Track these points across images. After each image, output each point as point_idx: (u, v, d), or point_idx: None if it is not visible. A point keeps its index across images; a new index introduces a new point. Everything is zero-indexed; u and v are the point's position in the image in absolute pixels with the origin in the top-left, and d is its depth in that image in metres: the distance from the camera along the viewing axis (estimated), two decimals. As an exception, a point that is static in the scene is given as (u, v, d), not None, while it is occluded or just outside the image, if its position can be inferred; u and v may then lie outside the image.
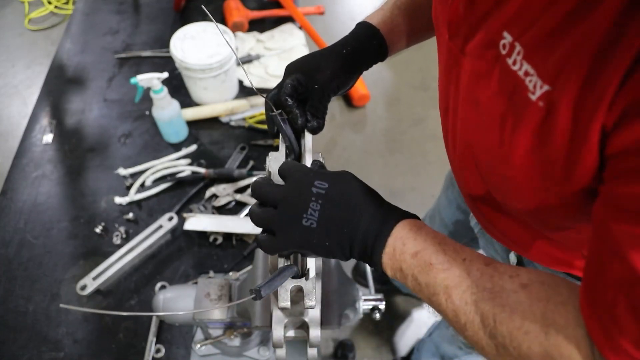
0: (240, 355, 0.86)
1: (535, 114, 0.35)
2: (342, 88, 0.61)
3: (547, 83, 0.34)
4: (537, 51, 0.35)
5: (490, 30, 0.40)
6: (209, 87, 1.22)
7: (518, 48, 0.36)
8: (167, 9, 1.56)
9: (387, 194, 2.14)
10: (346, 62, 0.60)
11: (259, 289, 0.43)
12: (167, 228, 1.01)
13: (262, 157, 1.20)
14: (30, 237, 1.04)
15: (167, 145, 1.21)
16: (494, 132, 0.41)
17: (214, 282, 0.76)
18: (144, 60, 1.41)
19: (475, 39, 0.43)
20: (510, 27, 0.37)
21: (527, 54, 0.36)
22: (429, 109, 2.25)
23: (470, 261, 0.41)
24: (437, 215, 1.13)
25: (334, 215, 0.44)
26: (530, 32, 0.35)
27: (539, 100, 0.35)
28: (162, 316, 0.78)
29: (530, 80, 0.35)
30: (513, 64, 0.37)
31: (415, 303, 1.68)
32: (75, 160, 1.18)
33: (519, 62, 0.36)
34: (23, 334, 0.92)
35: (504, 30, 0.38)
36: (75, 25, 1.52)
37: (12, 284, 0.97)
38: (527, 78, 0.35)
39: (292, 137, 0.57)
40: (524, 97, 0.36)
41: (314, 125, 0.59)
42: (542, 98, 0.34)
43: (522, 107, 0.37)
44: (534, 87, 0.35)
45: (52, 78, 1.36)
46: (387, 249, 0.44)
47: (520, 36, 0.36)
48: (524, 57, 0.36)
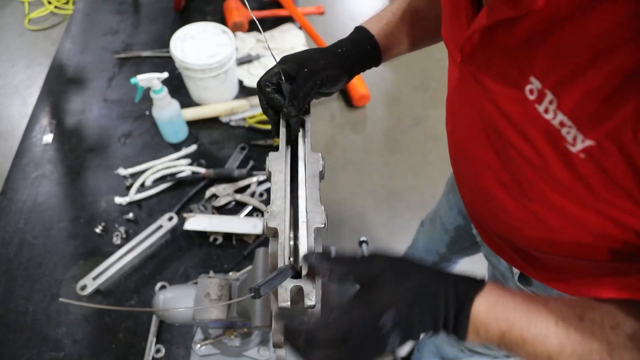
0: (240, 355, 0.86)
1: (576, 165, 0.33)
2: (331, 82, 0.60)
3: (590, 138, 0.31)
4: (578, 107, 0.31)
5: (512, 71, 0.36)
6: (209, 87, 1.22)
7: (550, 97, 0.33)
8: (167, 9, 1.56)
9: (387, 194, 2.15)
10: (339, 60, 0.61)
11: (258, 287, 0.43)
12: (167, 228, 1.01)
13: (262, 157, 1.20)
14: (30, 237, 1.04)
15: (167, 145, 1.21)
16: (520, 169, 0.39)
17: (214, 282, 0.76)
18: (144, 60, 1.41)
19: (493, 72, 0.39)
20: (538, 74, 0.34)
21: (563, 105, 0.32)
22: (429, 109, 2.25)
23: (563, 321, 0.38)
24: (437, 219, 1.12)
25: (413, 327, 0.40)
26: (569, 88, 0.31)
27: (580, 152, 0.32)
28: (162, 315, 0.77)
29: (568, 132, 0.32)
30: (545, 112, 0.33)
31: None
32: (75, 160, 1.18)
33: (552, 112, 0.33)
34: (23, 334, 0.92)
35: (531, 75, 0.34)
36: (75, 25, 1.52)
37: (12, 284, 0.97)
38: (564, 129, 0.32)
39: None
40: (562, 147, 0.33)
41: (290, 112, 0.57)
42: (584, 151, 0.32)
43: (559, 156, 0.34)
44: (574, 139, 0.32)
45: (52, 78, 1.36)
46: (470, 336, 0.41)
47: (554, 87, 0.32)
48: (559, 108, 0.32)
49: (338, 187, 1.97)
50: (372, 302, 0.40)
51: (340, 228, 1.84)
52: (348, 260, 0.44)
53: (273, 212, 0.51)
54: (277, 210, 0.51)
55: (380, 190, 1.97)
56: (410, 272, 0.41)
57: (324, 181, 0.56)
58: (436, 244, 1.18)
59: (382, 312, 0.39)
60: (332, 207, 1.89)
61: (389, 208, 1.92)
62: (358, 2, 2.82)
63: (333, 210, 1.89)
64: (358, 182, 2.00)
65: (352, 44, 0.63)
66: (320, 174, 0.56)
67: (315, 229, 0.50)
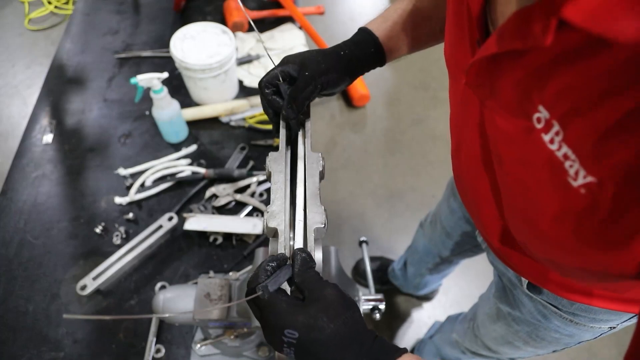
0: (240, 355, 0.86)
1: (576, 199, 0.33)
2: (332, 86, 0.60)
3: (592, 175, 0.31)
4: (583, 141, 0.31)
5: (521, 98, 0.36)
6: (209, 87, 1.22)
7: (556, 128, 0.33)
8: (167, 9, 1.56)
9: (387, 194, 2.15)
10: (342, 62, 0.60)
11: (267, 285, 0.43)
12: (167, 228, 1.01)
13: (262, 157, 1.20)
14: (30, 237, 1.04)
15: (167, 145, 1.21)
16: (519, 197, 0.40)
17: (214, 282, 0.76)
18: (144, 60, 1.41)
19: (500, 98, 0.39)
20: (547, 104, 0.33)
21: (568, 138, 0.32)
22: (429, 109, 2.26)
23: None
24: (438, 222, 1.11)
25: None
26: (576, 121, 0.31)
27: (580, 188, 0.32)
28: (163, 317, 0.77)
29: (571, 166, 0.32)
30: (550, 143, 0.33)
31: (415, 303, 1.68)
32: (75, 160, 1.18)
33: (558, 143, 0.33)
34: (23, 334, 0.92)
35: (540, 104, 0.34)
36: (75, 25, 1.52)
37: (12, 284, 0.97)
38: (567, 162, 0.32)
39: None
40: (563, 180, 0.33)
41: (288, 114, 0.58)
42: (584, 187, 0.32)
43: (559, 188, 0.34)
44: (576, 174, 0.32)
45: (52, 78, 1.36)
46: None
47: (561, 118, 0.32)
48: (565, 140, 0.32)
49: (338, 187, 1.97)
50: (290, 312, 0.41)
51: (340, 228, 1.84)
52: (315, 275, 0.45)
53: (273, 212, 0.51)
54: (277, 210, 0.51)
55: (380, 190, 1.97)
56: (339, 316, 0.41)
57: (324, 181, 0.56)
58: (437, 246, 1.17)
59: (290, 326, 0.41)
60: (332, 207, 1.89)
61: (389, 208, 1.92)
62: (358, 2, 2.82)
63: (333, 210, 1.89)
64: (358, 182, 2.00)
65: (356, 45, 0.63)
66: (320, 174, 0.56)
67: (315, 229, 0.50)
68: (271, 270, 0.45)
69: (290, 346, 0.41)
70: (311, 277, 0.45)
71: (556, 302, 0.64)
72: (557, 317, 0.66)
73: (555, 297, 0.63)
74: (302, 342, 0.41)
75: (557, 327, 0.68)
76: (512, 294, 0.74)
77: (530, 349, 0.80)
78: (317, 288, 0.43)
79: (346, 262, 1.73)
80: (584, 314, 0.62)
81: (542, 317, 0.69)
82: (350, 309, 0.43)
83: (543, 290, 0.65)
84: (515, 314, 0.74)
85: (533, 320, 0.71)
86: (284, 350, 0.42)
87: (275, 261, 0.46)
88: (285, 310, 0.42)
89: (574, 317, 0.64)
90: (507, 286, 0.74)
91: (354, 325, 0.42)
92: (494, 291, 0.81)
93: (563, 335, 0.70)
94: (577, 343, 0.72)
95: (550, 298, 0.64)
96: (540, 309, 0.67)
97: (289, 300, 0.43)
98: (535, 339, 0.75)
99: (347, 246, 1.78)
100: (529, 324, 0.73)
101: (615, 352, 1.57)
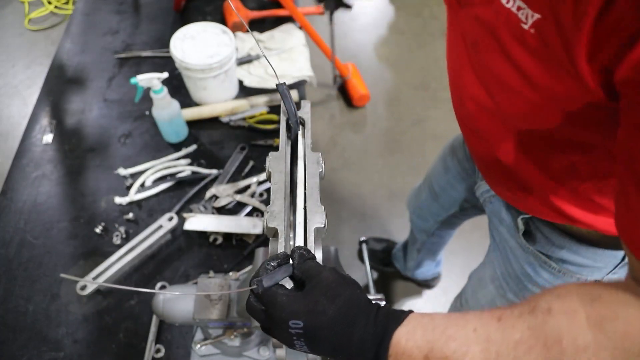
0: (240, 355, 0.86)
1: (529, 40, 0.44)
2: None
3: (537, 12, 0.42)
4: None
5: None
6: (209, 87, 1.22)
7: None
8: (167, 9, 1.56)
9: (387, 194, 2.14)
10: None
11: (261, 279, 0.43)
12: (167, 228, 1.01)
13: (262, 157, 1.20)
14: (30, 237, 1.04)
15: (167, 145, 1.21)
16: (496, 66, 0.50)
17: (214, 282, 0.76)
18: (144, 60, 1.41)
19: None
20: None
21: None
22: (429, 109, 2.25)
23: (482, 327, 0.39)
24: (426, 188, 1.16)
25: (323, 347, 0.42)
26: None
27: (531, 28, 0.43)
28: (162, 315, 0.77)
29: (523, 13, 0.44)
30: (506, 3, 0.46)
31: (416, 290, 1.68)
32: (75, 160, 1.18)
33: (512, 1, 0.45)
34: (23, 334, 0.92)
35: None
36: (75, 25, 1.52)
37: (12, 284, 0.97)
38: (520, 12, 0.44)
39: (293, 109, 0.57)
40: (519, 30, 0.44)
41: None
42: (534, 26, 0.43)
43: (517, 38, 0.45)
44: (526, 17, 0.43)
45: (52, 78, 1.36)
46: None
47: None
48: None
49: (338, 187, 1.97)
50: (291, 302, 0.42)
51: (340, 228, 1.84)
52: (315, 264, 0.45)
53: (273, 212, 0.51)
54: (277, 210, 0.51)
55: (380, 190, 1.97)
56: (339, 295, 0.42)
57: (324, 181, 0.56)
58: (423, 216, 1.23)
59: (293, 316, 0.41)
60: (332, 207, 1.89)
61: (389, 208, 1.92)
62: (358, 2, 2.82)
63: (333, 210, 1.89)
64: (358, 182, 2.00)
65: None
66: (320, 174, 0.56)
67: (315, 229, 0.50)
68: (271, 269, 0.45)
69: (300, 337, 0.42)
70: (309, 267, 0.44)
71: (547, 249, 0.68)
72: (546, 267, 0.69)
73: (546, 245, 0.68)
74: (308, 330, 0.41)
75: (544, 281, 0.71)
76: (505, 249, 0.77)
77: None
78: (314, 275, 0.43)
79: (346, 262, 1.73)
80: (571, 258, 0.66)
81: (531, 270, 0.72)
82: (349, 287, 0.43)
83: (537, 236, 0.69)
84: (507, 269, 0.78)
85: (522, 276, 0.74)
86: (295, 345, 0.42)
87: (276, 260, 0.46)
88: (285, 302, 0.42)
89: (562, 264, 0.67)
90: (502, 242, 0.78)
91: (356, 301, 0.42)
92: (489, 254, 0.86)
93: None
94: None
95: (542, 246, 0.68)
96: (531, 260, 0.71)
97: (288, 293, 0.43)
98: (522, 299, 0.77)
99: (347, 246, 1.78)
100: (517, 281, 0.76)
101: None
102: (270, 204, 0.52)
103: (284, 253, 0.48)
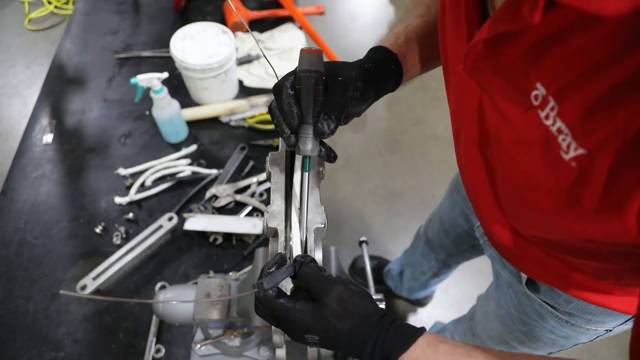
0: (240, 355, 0.86)
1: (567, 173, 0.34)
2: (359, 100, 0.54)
3: (582, 147, 0.32)
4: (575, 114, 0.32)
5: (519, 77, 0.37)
6: (209, 87, 1.22)
7: (552, 104, 0.34)
8: (167, 9, 1.56)
9: (387, 194, 2.14)
10: (368, 75, 0.55)
11: (262, 281, 0.44)
12: (167, 228, 1.01)
13: (262, 157, 1.20)
14: (30, 237, 1.04)
15: (167, 145, 1.21)
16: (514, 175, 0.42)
17: (214, 282, 0.76)
18: (144, 60, 1.41)
19: (498, 79, 0.40)
20: (544, 81, 0.35)
21: (563, 112, 0.33)
22: (429, 109, 2.26)
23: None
24: (437, 221, 1.12)
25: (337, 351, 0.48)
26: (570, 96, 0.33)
27: (571, 161, 0.33)
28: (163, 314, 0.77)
29: (564, 139, 0.34)
30: (545, 119, 0.35)
31: (414, 302, 1.68)
32: (75, 160, 1.18)
33: (552, 118, 0.34)
34: (23, 334, 0.92)
35: (538, 81, 0.35)
36: (75, 25, 1.52)
37: (12, 284, 0.97)
38: (560, 136, 0.34)
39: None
40: (556, 154, 0.35)
41: (324, 129, 0.50)
42: (575, 159, 0.33)
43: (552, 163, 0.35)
44: (567, 147, 0.33)
45: (52, 78, 1.36)
46: None
47: (556, 94, 0.34)
48: (559, 115, 0.34)
49: (338, 187, 1.97)
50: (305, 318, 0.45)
51: (340, 228, 1.84)
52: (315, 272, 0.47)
53: (273, 212, 0.51)
54: (277, 210, 0.51)
55: (380, 190, 1.97)
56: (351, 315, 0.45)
57: (324, 181, 0.56)
58: (434, 247, 1.18)
59: (308, 331, 0.45)
60: (332, 207, 1.89)
61: (389, 208, 1.92)
62: (358, 2, 2.82)
63: (333, 210, 1.89)
64: (358, 182, 2.00)
65: (376, 61, 0.58)
66: (320, 174, 0.56)
67: (315, 229, 0.50)
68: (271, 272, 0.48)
69: (315, 344, 0.47)
70: (312, 274, 0.46)
71: (553, 301, 0.64)
72: (553, 317, 0.66)
73: (552, 296, 0.63)
74: (323, 342, 0.46)
75: (553, 327, 0.68)
76: (509, 292, 0.74)
77: (525, 349, 0.80)
78: (323, 288, 0.46)
79: (346, 262, 1.73)
80: (580, 314, 0.62)
81: (538, 317, 0.69)
82: (362, 303, 0.46)
83: (540, 288, 0.65)
84: (512, 312, 0.75)
85: (529, 320, 0.71)
86: (311, 346, 0.48)
87: (275, 264, 0.48)
88: (298, 319, 0.45)
89: (570, 317, 0.64)
90: (505, 284, 0.74)
91: (368, 319, 0.45)
92: (493, 289, 0.82)
93: (559, 337, 0.70)
94: (573, 345, 0.72)
95: (547, 297, 0.64)
96: (537, 308, 0.68)
97: (300, 308, 0.46)
98: (531, 339, 0.75)
99: (347, 246, 1.78)
100: (525, 323, 0.73)
101: (615, 352, 1.57)
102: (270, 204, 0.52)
103: (280, 254, 0.48)
